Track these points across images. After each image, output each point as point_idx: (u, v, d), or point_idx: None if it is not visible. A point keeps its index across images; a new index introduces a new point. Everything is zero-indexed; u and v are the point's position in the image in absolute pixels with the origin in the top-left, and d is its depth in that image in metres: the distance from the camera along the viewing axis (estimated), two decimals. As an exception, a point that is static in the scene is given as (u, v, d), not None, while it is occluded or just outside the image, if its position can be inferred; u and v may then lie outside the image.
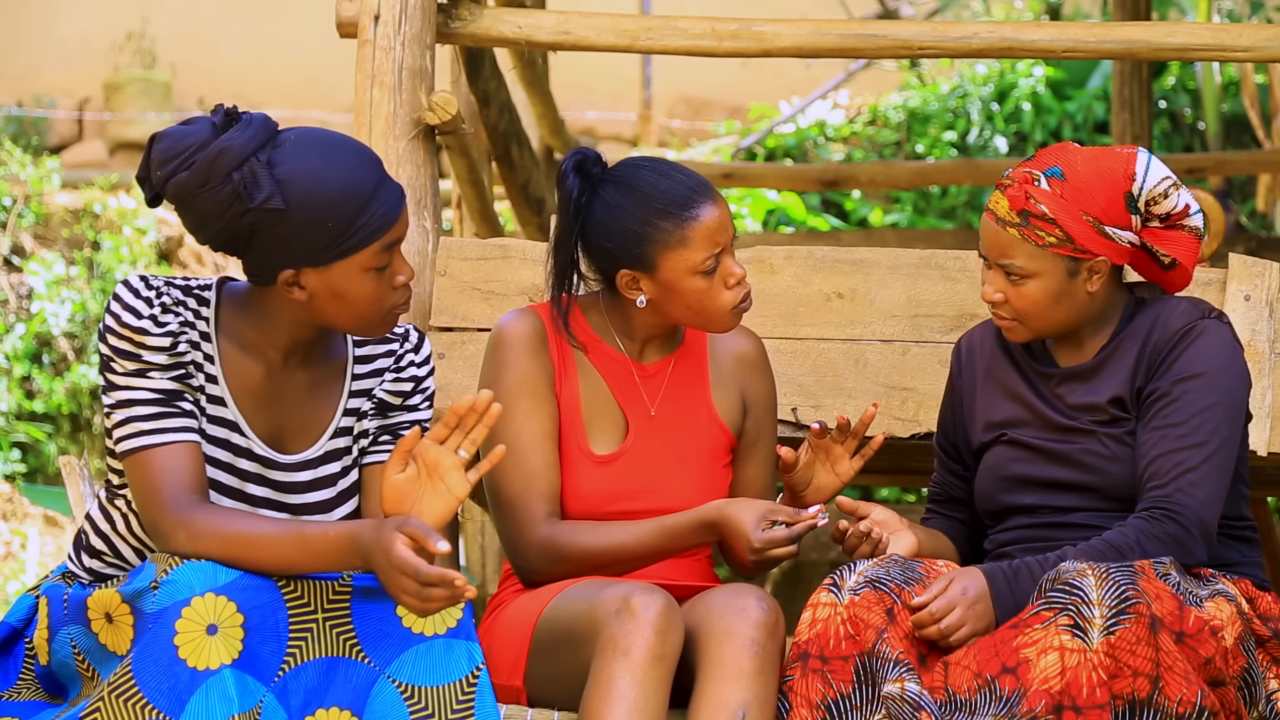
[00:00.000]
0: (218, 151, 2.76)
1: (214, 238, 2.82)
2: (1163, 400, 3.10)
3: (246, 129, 2.79)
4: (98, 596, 2.78)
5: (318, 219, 2.78)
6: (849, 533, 3.15)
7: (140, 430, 2.80)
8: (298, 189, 2.77)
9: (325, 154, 2.81)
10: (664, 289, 3.20)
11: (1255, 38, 3.96)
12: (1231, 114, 10.78)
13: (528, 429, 3.22)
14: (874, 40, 4.07)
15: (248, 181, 2.76)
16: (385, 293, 2.86)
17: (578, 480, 3.24)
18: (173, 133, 2.81)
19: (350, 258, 2.81)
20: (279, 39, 11.82)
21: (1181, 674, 2.84)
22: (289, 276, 2.82)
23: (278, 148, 2.80)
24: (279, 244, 2.79)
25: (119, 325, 2.80)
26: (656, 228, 3.16)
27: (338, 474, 2.95)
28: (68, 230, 9.61)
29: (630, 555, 3.17)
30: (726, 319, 3.22)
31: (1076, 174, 3.10)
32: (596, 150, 3.27)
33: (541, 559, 3.19)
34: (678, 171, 3.21)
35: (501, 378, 3.24)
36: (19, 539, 8.04)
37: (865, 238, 9.07)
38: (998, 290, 3.15)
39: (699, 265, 3.17)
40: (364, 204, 2.80)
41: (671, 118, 12.26)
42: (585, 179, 3.22)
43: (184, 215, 2.83)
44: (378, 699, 2.75)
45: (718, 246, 3.17)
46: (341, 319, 2.87)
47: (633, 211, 3.17)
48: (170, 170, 2.79)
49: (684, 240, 3.16)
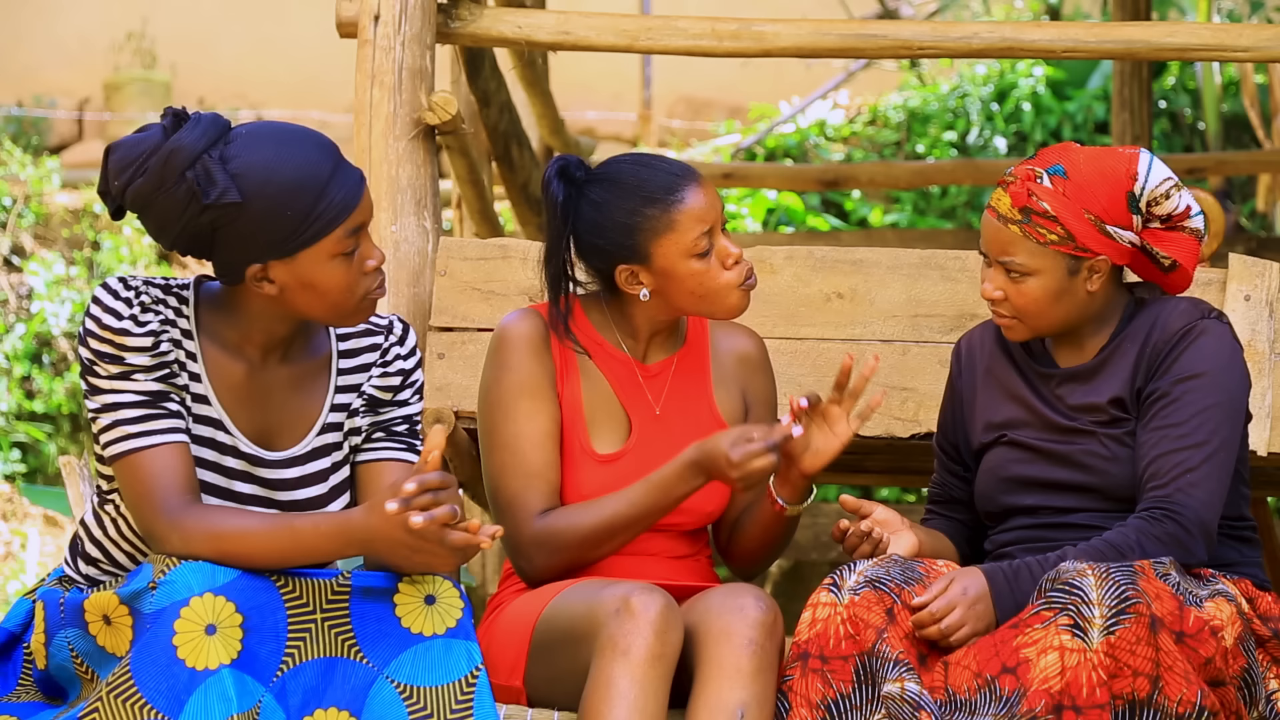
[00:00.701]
0: (169, 152, 2.76)
1: (177, 240, 2.81)
2: (1163, 400, 3.10)
3: (195, 127, 2.78)
4: (95, 599, 2.77)
5: (276, 209, 2.77)
6: (850, 532, 3.15)
7: (128, 433, 2.79)
8: (252, 181, 2.76)
9: (278, 144, 2.80)
10: (663, 277, 3.20)
11: (1255, 38, 3.96)
12: (1231, 114, 10.78)
13: (528, 430, 3.22)
14: (874, 40, 4.07)
15: (201, 179, 2.75)
16: (356, 278, 2.85)
17: (580, 480, 3.24)
18: (126, 142, 2.81)
19: (314, 245, 2.80)
20: (279, 39, 11.81)
21: (1181, 674, 2.84)
22: (256, 271, 2.81)
23: (230, 143, 2.79)
24: (241, 239, 2.79)
25: (100, 328, 2.79)
26: (644, 216, 3.17)
27: (328, 469, 2.94)
28: (68, 230, 9.61)
29: (626, 521, 3.17)
30: (732, 299, 3.22)
31: (1079, 172, 3.11)
32: (578, 156, 3.28)
33: (541, 552, 3.18)
34: (659, 160, 3.23)
35: (503, 378, 3.24)
36: (19, 539, 8.04)
37: (865, 238, 9.08)
38: (998, 288, 3.15)
39: (691, 247, 3.17)
40: (321, 190, 2.79)
41: (671, 118, 12.26)
42: (569, 183, 3.22)
43: (146, 221, 2.82)
44: (376, 699, 2.75)
45: (706, 226, 3.18)
46: (315, 309, 2.86)
47: (619, 204, 3.18)
48: (127, 179, 2.78)
49: (672, 224, 3.17)
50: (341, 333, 2.98)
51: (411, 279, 3.87)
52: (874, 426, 3.77)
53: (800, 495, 3.23)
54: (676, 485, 3.15)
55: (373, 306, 2.89)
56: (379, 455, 2.97)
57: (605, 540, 3.18)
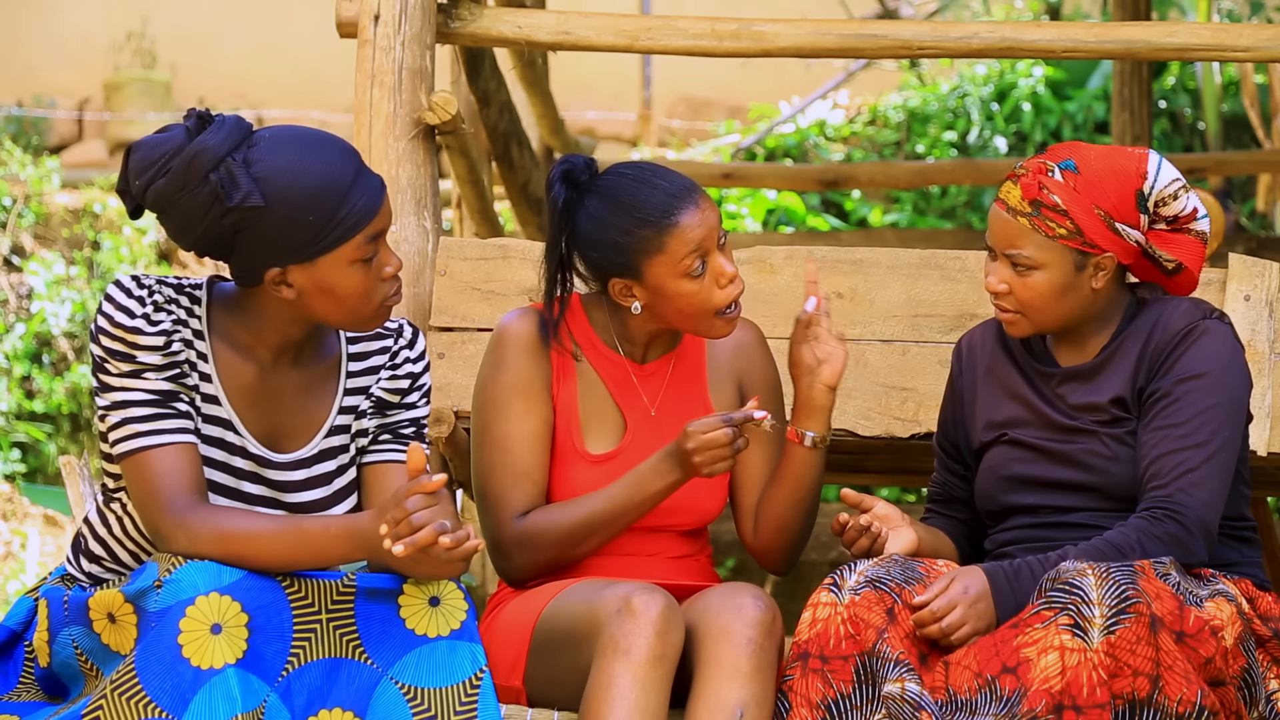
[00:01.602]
0: (193, 154, 2.76)
1: (198, 242, 2.81)
2: (1164, 400, 3.10)
3: (220, 130, 2.79)
4: (100, 597, 2.78)
5: (298, 214, 2.78)
6: (849, 525, 3.15)
7: (137, 432, 2.79)
8: (275, 185, 2.77)
9: (301, 149, 2.80)
10: (655, 294, 3.20)
11: (1255, 38, 3.96)
12: (1231, 114, 10.77)
13: (518, 430, 3.22)
14: (874, 40, 4.07)
15: (225, 181, 2.76)
16: (374, 285, 2.85)
17: (573, 479, 3.24)
18: (148, 141, 2.81)
19: (335, 251, 2.81)
20: (279, 39, 11.81)
21: (1181, 674, 2.84)
22: (275, 275, 2.82)
23: (253, 146, 2.79)
24: (262, 243, 2.79)
25: (112, 326, 2.80)
26: (637, 236, 3.16)
27: (333, 472, 2.95)
28: (68, 230, 9.61)
29: (605, 518, 3.17)
30: (717, 323, 3.21)
31: (1090, 168, 3.11)
32: (586, 157, 3.27)
33: (522, 552, 3.19)
34: (660, 178, 3.20)
35: (498, 377, 3.25)
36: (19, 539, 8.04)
37: (865, 238, 9.07)
38: (1002, 281, 3.15)
39: (682, 268, 3.16)
40: (343, 196, 2.80)
41: (671, 118, 12.26)
42: (572, 187, 3.22)
43: (166, 222, 2.82)
44: (380, 700, 2.75)
45: (700, 249, 3.16)
46: (332, 314, 2.86)
47: (614, 222, 3.18)
48: (149, 179, 2.78)
49: (663, 246, 3.16)
50: (352, 335, 2.99)
51: (411, 279, 3.87)
52: (874, 426, 3.77)
53: (822, 422, 3.23)
54: (652, 480, 3.15)
55: (388, 313, 2.90)
56: (384, 457, 2.97)
57: (585, 538, 3.18)
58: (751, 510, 3.33)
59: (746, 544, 3.34)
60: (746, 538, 3.33)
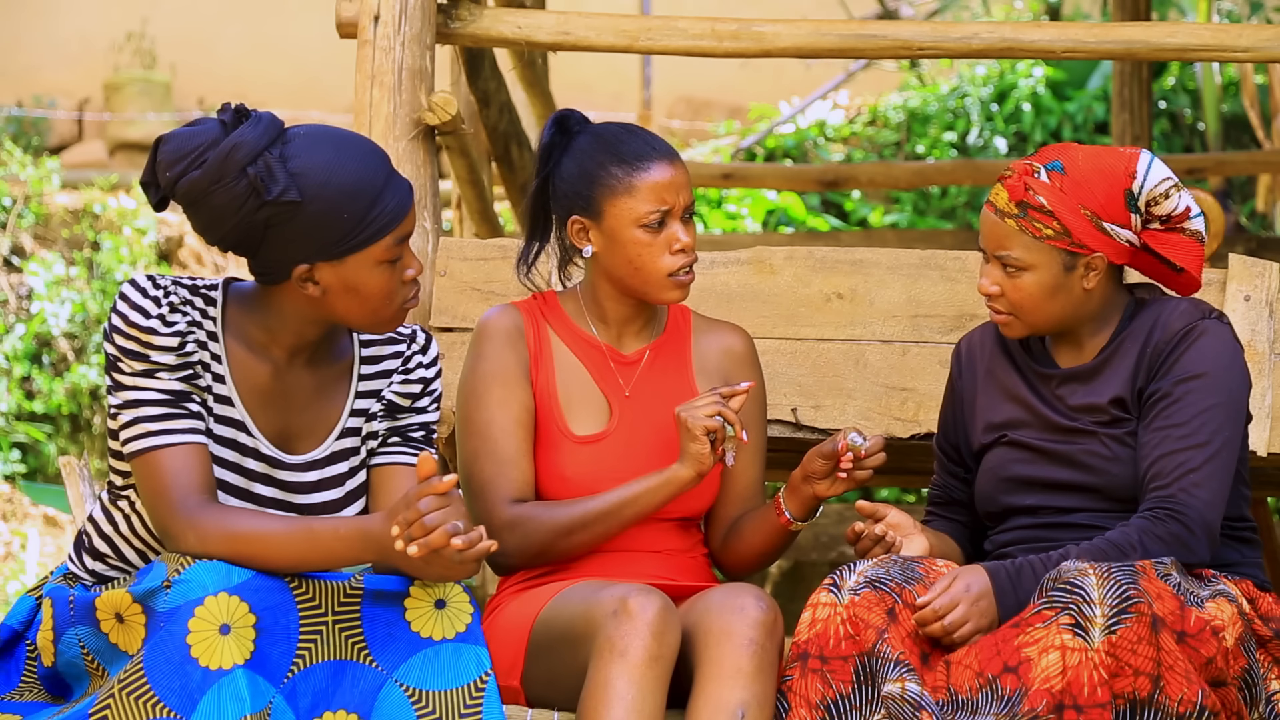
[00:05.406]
0: (231, 147, 2.77)
1: (226, 236, 2.82)
2: (1164, 401, 3.10)
3: (257, 125, 2.80)
4: (107, 597, 2.78)
5: (333, 211, 2.79)
6: (863, 534, 3.16)
7: (148, 431, 2.80)
8: (312, 181, 2.79)
9: (337, 148, 2.82)
10: (608, 239, 3.25)
11: (1255, 38, 3.96)
12: (1231, 114, 10.78)
13: (499, 417, 3.25)
14: (874, 40, 4.07)
15: (263, 175, 2.77)
16: (397, 286, 2.88)
17: (561, 462, 3.26)
18: (180, 133, 2.81)
19: (365, 250, 2.83)
20: (279, 39, 11.82)
21: (1182, 674, 2.84)
22: (303, 271, 2.83)
23: (289, 143, 2.81)
24: (294, 238, 2.80)
25: (126, 325, 2.80)
26: (608, 171, 3.23)
27: (345, 474, 2.95)
28: (68, 230, 9.61)
29: (598, 514, 3.20)
30: (664, 284, 3.25)
31: (1077, 169, 3.11)
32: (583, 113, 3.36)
33: (513, 539, 3.20)
34: (648, 134, 3.29)
35: (477, 367, 3.31)
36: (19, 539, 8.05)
37: (865, 238, 9.07)
38: (994, 283, 3.16)
39: (641, 217, 3.22)
40: (377, 196, 2.82)
41: (671, 118, 12.26)
42: (563, 133, 3.31)
43: (195, 215, 2.82)
44: (385, 703, 2.75)
45: (665, 204, 3.22)
46: (354, 314, 2.87)
47: (591, 155, 3.25)
48: (180, 170, 2.79)
49: (630, 189, 3.22)
50: (365, 339, 3.00)
51: (412, 279, 3.87)
52: (874, 427, 3.77)
53: (808, 512, 3.29)
54: (652, 478, 3.19)
55: (405, 316, 2.92)
56: (392, 460, 2.98)
57: (575, 531, 3.20)
58: (724, 526, 3.38)
59: (710, 548, 3.39)
60: (712, 544, 3.39)
